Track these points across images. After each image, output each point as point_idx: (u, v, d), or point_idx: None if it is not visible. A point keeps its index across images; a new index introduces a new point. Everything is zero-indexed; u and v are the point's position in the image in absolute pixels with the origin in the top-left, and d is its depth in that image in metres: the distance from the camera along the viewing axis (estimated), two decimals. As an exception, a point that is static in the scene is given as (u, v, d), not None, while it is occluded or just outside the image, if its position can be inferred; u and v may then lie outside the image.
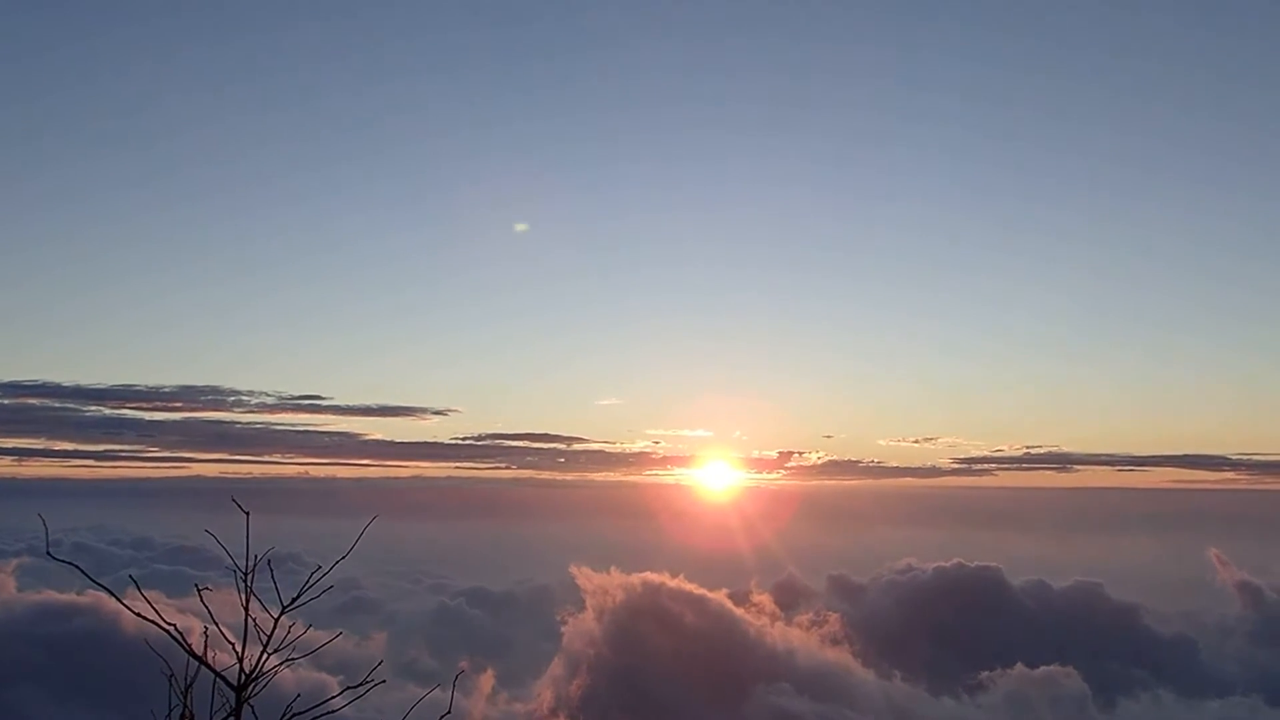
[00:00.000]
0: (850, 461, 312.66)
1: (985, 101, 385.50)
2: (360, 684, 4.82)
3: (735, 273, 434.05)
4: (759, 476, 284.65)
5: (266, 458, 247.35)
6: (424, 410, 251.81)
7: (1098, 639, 77.58)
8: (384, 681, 4.68)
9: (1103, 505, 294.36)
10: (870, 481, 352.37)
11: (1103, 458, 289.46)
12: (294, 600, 4.72)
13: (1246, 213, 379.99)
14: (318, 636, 5.74)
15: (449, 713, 4.90)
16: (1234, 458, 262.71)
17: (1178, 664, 76.57)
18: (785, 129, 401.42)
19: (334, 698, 4.65)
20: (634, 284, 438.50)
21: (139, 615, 4.58)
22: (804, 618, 78.56)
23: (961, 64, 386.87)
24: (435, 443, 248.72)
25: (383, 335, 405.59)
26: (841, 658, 67.94)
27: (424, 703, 5.59)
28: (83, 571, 4.85)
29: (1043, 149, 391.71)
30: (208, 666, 4.47)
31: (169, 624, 4.42)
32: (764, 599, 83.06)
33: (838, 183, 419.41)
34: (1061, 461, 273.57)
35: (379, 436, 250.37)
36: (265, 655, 4.62)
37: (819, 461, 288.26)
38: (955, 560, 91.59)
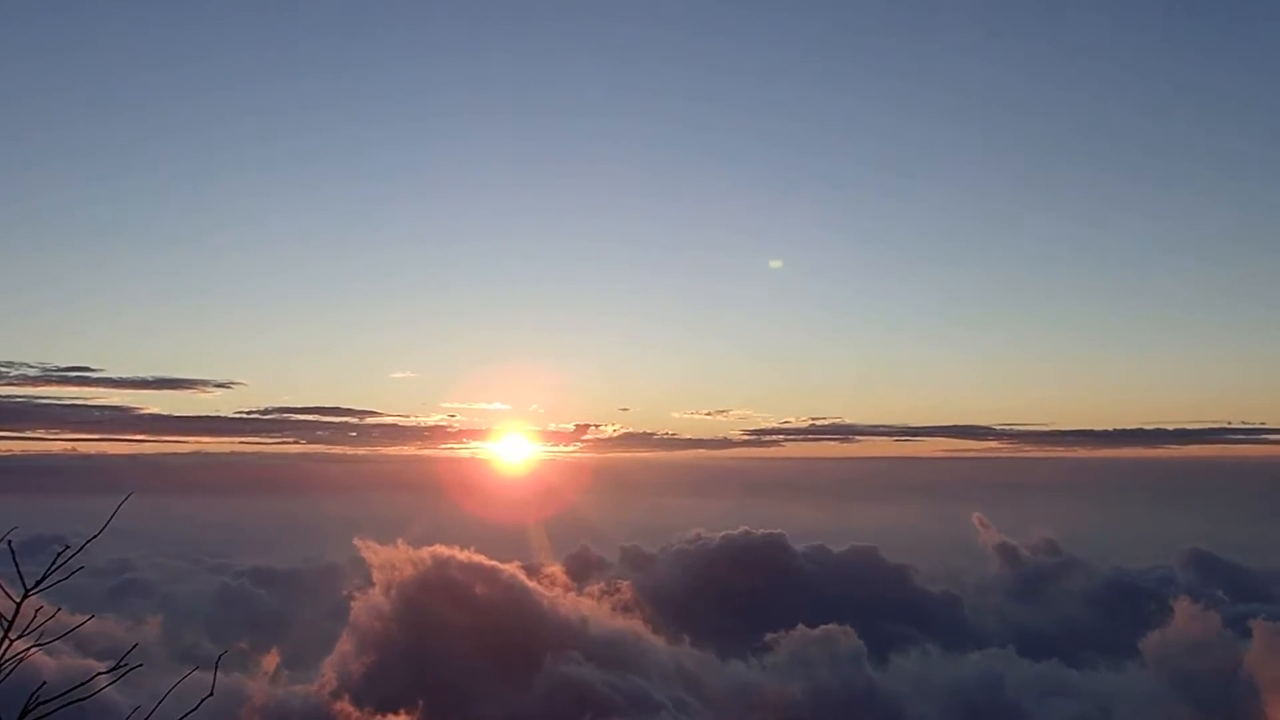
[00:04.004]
0: (645, 434, 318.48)
1: (796, 85, 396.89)
2: (114, 668, 4.61)
3: (533, 246, 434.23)
4: (555, 449, 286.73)
5: (29, 434, 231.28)
6: (205, 383, 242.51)
7: (873, 599, 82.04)
8: (140, 665, 4.48)
9: (880, 473, 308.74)
10: (664, 453, 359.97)
11: (881, 429, 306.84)
12: (38, 583, 4.46)
13: (1014, 202, 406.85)
14: (76, 620, 5.46)
15: (210, 694, 4.74)
16: (997, 428, 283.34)
17: (943, 619, 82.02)
18: (601, 114, 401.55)
19: (84, 684, 4.44)
20: (430, 255, 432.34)
21: None
22: (596, 588, 79.63)
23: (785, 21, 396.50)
24: (218, 417, 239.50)
25: (160, 303, 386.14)
26: (632, 625, 69.15)
27: (200, 685, 5.38)
28: None
29: (827, 137, 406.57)
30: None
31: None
32: (556, 570, 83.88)
33: (632, 164, 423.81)
34: (844, 433, 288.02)
35: (156, 410, 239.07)
36: (8, 641, 4.34)
37: (615, 434, 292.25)
38: (742, 528, 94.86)
